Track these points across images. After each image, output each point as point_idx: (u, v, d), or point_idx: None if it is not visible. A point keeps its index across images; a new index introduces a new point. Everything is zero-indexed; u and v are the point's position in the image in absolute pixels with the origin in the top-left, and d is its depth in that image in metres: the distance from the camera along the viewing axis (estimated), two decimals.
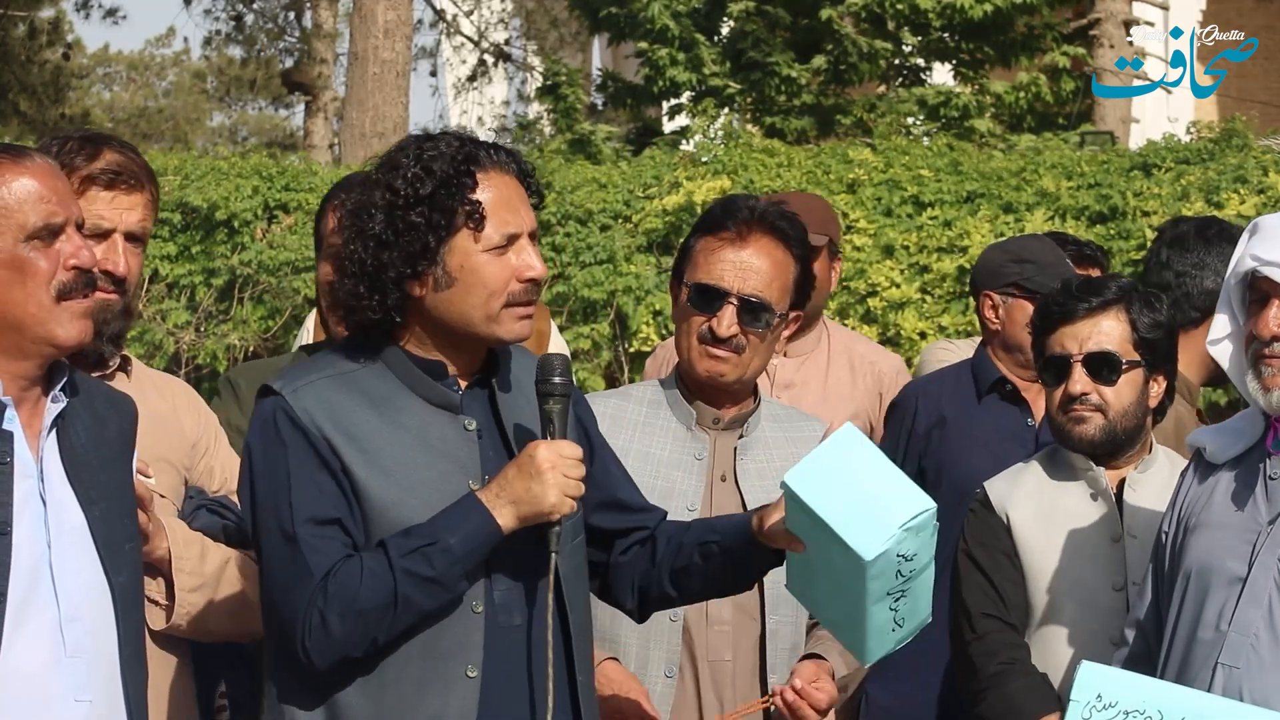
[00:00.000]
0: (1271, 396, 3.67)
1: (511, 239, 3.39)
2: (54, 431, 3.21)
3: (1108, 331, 4.27)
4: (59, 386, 3.22)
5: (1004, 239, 7.73)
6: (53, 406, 3.21)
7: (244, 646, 4.13)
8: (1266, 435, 3.72)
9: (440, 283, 3.37)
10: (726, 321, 4.10)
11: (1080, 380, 4.24)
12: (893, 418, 5.60)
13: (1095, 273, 6.09)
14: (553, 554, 3.36)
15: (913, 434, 5.51)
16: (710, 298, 4.12)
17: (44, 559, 3.12)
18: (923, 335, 10.86)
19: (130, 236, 3.80)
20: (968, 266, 10.98)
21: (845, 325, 10.92)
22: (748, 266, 4.11)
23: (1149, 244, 10.73)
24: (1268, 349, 3.67)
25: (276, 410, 3.36)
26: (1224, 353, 3.78)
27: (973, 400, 5.42)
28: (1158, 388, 4.33)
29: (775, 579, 4.11)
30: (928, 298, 11.04)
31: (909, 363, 10.86)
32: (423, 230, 3.34)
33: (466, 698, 3.32)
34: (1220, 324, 3.78)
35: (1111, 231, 10.86)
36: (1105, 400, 4.24)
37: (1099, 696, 3.48)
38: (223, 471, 3.96)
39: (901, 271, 11.08)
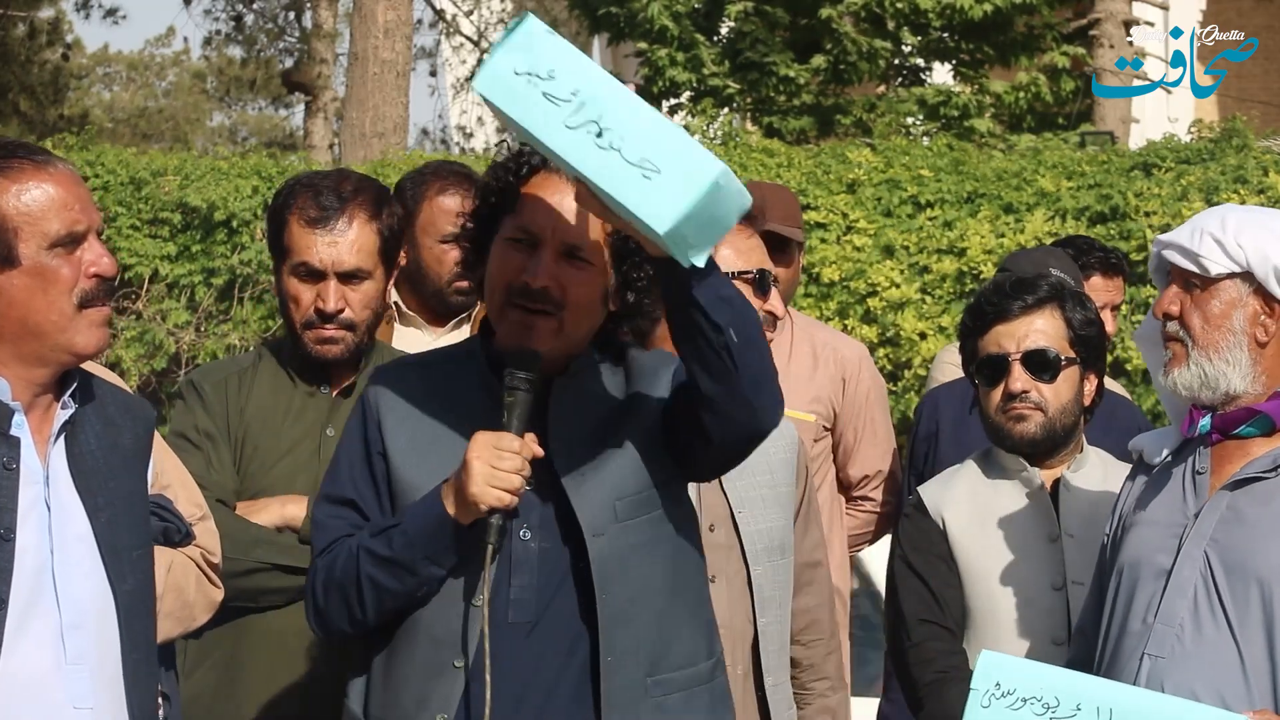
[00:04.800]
0: (1166, 380, 3.63)
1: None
2: (62, 437, 3.19)
3: (1044, 329, 4.25)
4: (69, 393, 3.21)
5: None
6: (62, 413, 3.19)
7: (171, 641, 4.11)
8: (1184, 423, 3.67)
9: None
10: None
11: (1020, 378, 4.22)
12: (913, 425, 5.63)
13: (1119, 281, 6.07)
14: (489, 545, 3.30)
15: (916, 442, 5.56)
16: None
17: (47, 565, 3.11)
18: (923, 336, 10.86)
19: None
20: (967, 268, 10.98)
21: (845, 325, 10.92)
22: None
23: (1149, 244, 10.79)
24: (1166, 329, 3.62)
25: (367, 389, 3.53)
26: (1147, 344, 3.74)
27: (965, 410, 5.41)
28: (1090, 386, 4.32)
29: (762, 581, 4.15)
30: (928, 298, 11.03)
31: (908, 364, 10.90)
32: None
33: (451, 687, 3.35)
34: (1148, 318, 3.74)
35: (1112, 232, 10.86)
36: (1044, 398, 4.22)
37: (997, 685, 3.47)
38: (156, 466, 3.90)
39: (901, 272, 11.08)
